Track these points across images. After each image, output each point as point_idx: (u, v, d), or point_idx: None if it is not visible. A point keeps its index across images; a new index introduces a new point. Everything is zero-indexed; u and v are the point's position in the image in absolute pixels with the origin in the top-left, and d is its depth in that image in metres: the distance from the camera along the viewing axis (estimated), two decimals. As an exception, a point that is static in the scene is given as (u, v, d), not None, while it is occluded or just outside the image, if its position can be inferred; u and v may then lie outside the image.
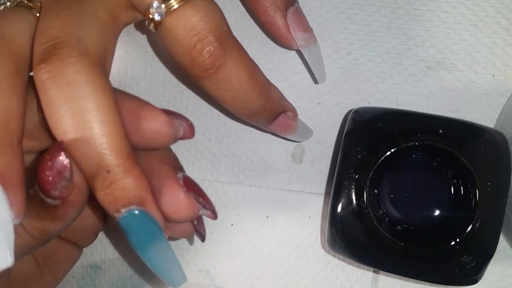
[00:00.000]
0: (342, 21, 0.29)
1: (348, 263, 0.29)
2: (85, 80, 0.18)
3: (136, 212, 0.18)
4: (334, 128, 0.29)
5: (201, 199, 0.21)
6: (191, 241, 0.31)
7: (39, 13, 0.20)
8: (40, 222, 0.19)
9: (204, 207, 0.21)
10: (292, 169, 0.30)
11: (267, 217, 0.30)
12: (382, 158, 0.24)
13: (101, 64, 0.19)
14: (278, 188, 0.30)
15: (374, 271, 0.29)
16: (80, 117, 0.18)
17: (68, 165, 0.17)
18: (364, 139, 0.25)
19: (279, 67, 0.30)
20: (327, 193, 0.30)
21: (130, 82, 0.31)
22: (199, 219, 0.22)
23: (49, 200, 0.17)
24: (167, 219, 0.20)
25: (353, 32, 0.29)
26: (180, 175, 0.21)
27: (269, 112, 0.25)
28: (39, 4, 0.20)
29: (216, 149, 0.30)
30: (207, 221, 0.30)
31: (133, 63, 0.31)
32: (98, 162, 0.18)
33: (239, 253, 0.30)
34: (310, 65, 0.27)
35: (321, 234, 0.30)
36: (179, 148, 0.30)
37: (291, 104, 0.26)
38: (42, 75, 0.18)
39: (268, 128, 0.26)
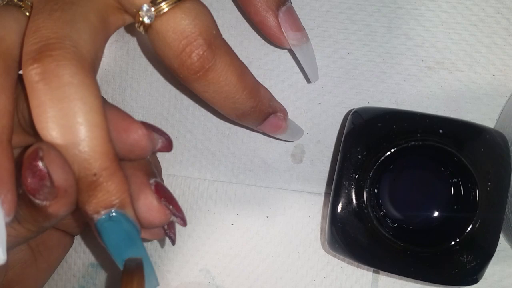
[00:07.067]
0: (342, 21, 0.29)
1: (348, 263, 0.29)
2: (79, 83, 0.18)
3: (115, 214, 0.18)
4: (334, 128, 0.29)
5: (171, 207, 0.21)
6: (162, 244, 0.31)
7: (29, 12, 0.20)
8: (32, 218, 0.19)
9: (174, 214, 0.21)
10: (292, 169, 0.30)
11: (267, 217, 0.30)
12: (382, 158, 0.24)
13: (93, 69, 0.19)
14: (278, 188, 0.30)
15: (374, 271, 0.29)
16: (71, 119, 0.17)
17: (46, 174, 0.17)
18: (364, 139, 0.25)
19: (279, 67, 0.30)
20: (327, 193, 0.30)
21: (131, 82, 0.31)
22: (170, 224, 0.22)
23: (37, 201, 0.17)
24: (139, 224, 0.20)
25: (353, 32, 0.29)
26: (152, 181, 0.21)
27: (258, 113, 0.25)
28: (29, 4, 0.20)
29: (216, 149, 0.30)
30: (208, 221, 0.30)
31: (134, 63, 0.31)
32: (86, 165, 0.18)
33: (239, 253, 0.30)
34: (302, 64, 0.27)
35: (321, 234, 0.30)
36: (179, 148, 0.30)
37: (281, 105, 0.27)
38: (33, 75, 0.17)
39: (258, 128, 0.26)
